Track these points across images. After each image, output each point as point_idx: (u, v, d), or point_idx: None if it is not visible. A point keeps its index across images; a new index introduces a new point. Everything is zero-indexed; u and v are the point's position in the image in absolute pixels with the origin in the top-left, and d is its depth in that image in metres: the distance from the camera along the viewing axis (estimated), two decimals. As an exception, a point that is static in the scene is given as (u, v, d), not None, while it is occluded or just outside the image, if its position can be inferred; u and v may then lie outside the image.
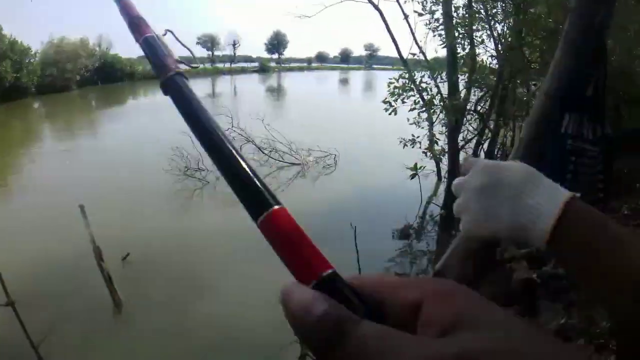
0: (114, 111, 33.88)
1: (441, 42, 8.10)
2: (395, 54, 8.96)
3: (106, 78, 51.64)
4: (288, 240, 0.34)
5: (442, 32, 8.07)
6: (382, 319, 0.31)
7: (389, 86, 8.34)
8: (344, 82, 69.45)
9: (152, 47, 0.48)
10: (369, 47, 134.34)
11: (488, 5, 7.99)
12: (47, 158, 17.23)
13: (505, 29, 8.12)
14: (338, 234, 6.73)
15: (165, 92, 0.45)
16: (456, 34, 7.90)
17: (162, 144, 12.36)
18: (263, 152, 12.01)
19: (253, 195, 0.36)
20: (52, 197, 11.37)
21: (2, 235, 8.94)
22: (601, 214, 0.74)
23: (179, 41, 0.50)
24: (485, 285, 4.98)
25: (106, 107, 37.01)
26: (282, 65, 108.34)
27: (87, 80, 49.27)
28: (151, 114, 24.18)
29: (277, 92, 48.04)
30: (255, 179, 0.37)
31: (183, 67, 0.46)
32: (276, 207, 0.35)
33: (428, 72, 8.26)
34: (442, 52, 8.43)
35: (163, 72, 0.45)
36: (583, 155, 2.29)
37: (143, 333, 6.20)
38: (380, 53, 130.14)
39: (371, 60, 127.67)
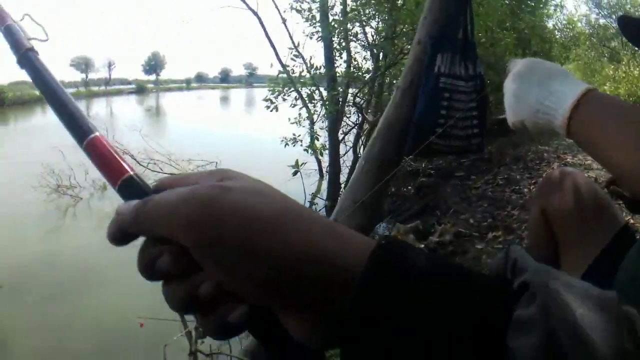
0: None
1: (318, 38, 8.16)
2: (273, 73, 8.92)
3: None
4: (102, 157, 0.45)
5: (319, 28, 8.14)
6: None
7: (269, 84, 8.33)
8: (225, 100, 69.10)
9: (10, 30, 0.53)
10: (248, 66, 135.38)
11: (362, 10, 8.23)
12: None
13: (379, 23, 8.36)
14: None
15: (21, 66, 0.51)
16: (332, 30, 8.01)
17: (32, 165, 11.57)
18: (140, 165, 11.51)
19: (81, 128, 0.47)
20: None
21: None
22: (619, 99, 0.84)
23: (36, 22, 0.55)
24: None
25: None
26: (160, 86, 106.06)
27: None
28: (22, 137, 22.93)
29: (155, 111, 46.84)
30: (87, 121, 0.47)
31: (35, 42, 0.53)
32: (95, 134, 0.46)
33: (306, 70, 8.26)
34: (320, 58, 8.53)
35: (19, 49, 0.52)
36: (456, 91, 2.35)
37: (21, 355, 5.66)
38: (259, 72, 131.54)
39: (251, 78, 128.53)
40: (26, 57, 0.51)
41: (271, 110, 8.13)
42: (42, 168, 11.12)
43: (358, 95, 8.71)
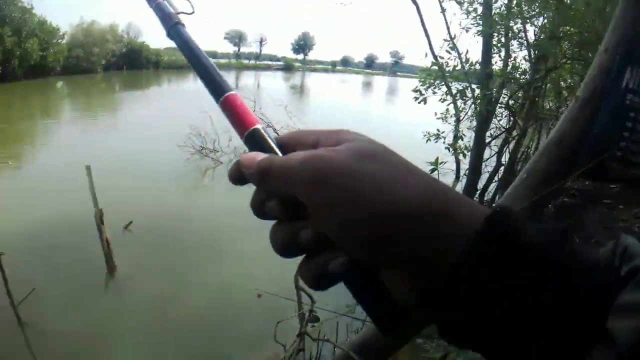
0: (136, 94, 34.59)
1: (478, 32, 7.81)
2: (419, 63, 8.74)
3: (131, 64, 52.55)
4: (234, 112, 0.50)
5: (479, 22, 7.77)
6: None
7: (421, 75, 8.10)
8: (367, 85, 69.53)
9: (160, 7, 0.59)
10: (394, 54, 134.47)
11: (527, 5, 7.76)
12: (62, 130, 17.76)
13: (544, 22, 7.84)
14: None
15: (171, 38, 0.58)
16: (493, 24, 7.61)
17: (181, 125, 12.34)
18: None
19: (219, 88, 0.52)
20: (62, 164, 11.64)
21: (10, 192, 9.44)
22: None
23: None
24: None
25: (129, 90, 37.70)
26: (307, 65, 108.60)
27: (113, 64, 49.98)
28: (173, 99, 24.51)
29: (300, 89, 48.11)
30: (224, 83, 0.52)
31: (183, 16, 0.59)
32: (231, 92, 0.51)
33: (460, 65, 7.93)
34: (474, 53, 8.21)
35: (168, 23, 0.58)
36: (644, 111, 2.09)
37: (133, 300, 6.10)
38: (405, 61, 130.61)
39: (395, 67, 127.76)
40: (174, 29, 0.58)
41: (419, 102, 7.88)
42: (189, 129, 11.78)
43: (513, 97, 8.24)
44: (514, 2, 7.81)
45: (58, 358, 4.94)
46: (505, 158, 8.55)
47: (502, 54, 8.24)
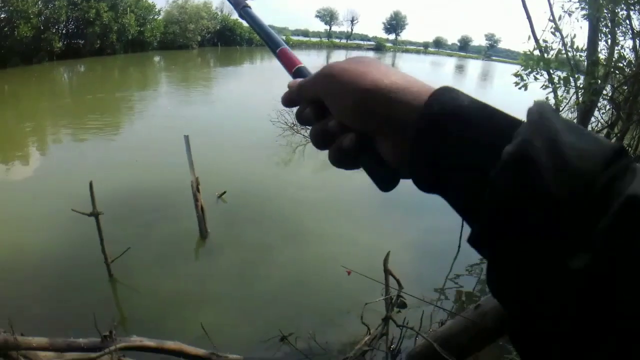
0: (230, 70, 35.55)
1: (584, 16, 7.31)
2: (516, 48, 8.30)
3: (225, 41, 54.04)
4: (286, 58, 0.72)
5: (584, 5, 7.28)
6: None
7: (522, 59, 7.73)
8: (460, 69, 67.86)
9: None
10: (490, 37, 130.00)
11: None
12: (159, 101, 18.73)
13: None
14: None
15: (241, 17, 0.84)
16: (600, 8, 7.10)
17: (273, 101, 12.54)
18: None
19: (276, 44, 0.75)
20: (159, 132, 12.48)
21: (109, 157, 10.07)
22: None
23: (258, -6, 0.82)
24: None
25: (223, 66, 38.79)
26: (398, 46, 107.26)
27: (207, 41, 51.56)
28: (265, 75, 24.95)
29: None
30: (280, 40, 0.75)
31: (250, 2, 0.84)
32: (283, 47, 0.74)
33: (564, 49, 7.48)
34: (577, 39, 7.69)
35: (238, 6, 0.84)
36: None
37: (222, 266, 6.30)
38: (501, 45, 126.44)
39: (490, 50, 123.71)
40: (244, 10, 0.84)
41: (520, 88, 7.54)
42: (282, 106, 11.99)
43: (618, 89, 7.71)
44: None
45: (143, 313, 5.15)
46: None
47: (609, 41, 7.71)
